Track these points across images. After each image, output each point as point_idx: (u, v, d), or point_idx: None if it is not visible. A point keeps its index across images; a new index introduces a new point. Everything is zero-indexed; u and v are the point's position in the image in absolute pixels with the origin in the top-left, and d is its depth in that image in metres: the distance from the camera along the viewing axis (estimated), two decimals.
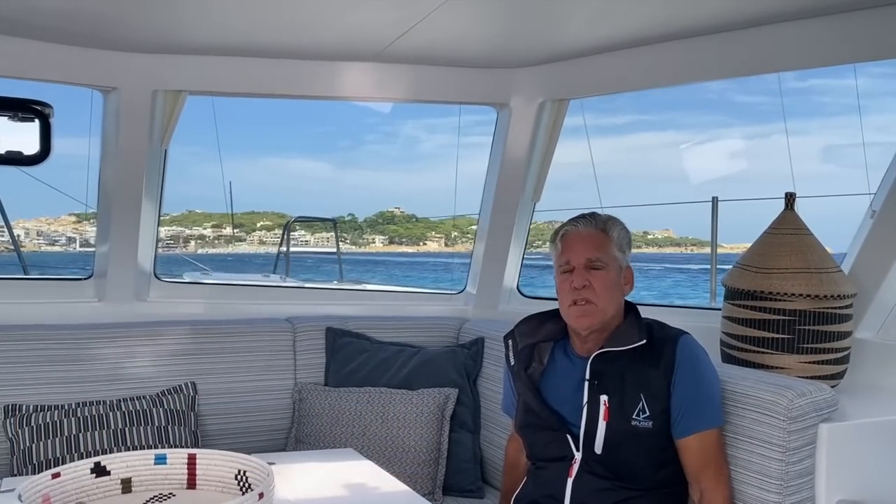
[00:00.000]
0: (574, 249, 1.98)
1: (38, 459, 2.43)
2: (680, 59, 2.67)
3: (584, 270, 1.95)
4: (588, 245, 1.97)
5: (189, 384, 2.75)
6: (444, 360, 2.92)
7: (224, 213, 17.83)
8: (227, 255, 38.39)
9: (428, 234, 64.66)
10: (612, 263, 1.96)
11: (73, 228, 54.72)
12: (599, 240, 1.97)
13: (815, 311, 2.20)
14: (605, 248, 1.96)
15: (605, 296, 1.94)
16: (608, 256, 1.96)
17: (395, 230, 64.40)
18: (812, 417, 1.83)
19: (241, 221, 52.19)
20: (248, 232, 56.53)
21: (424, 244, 63.64)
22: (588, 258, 1.95)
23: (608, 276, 1.95)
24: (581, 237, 1.99)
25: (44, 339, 2.67)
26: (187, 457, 1.57)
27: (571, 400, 1.97)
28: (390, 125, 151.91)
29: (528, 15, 2.39)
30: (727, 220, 4.72)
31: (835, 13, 2.29)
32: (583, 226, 2.00)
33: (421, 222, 65.21)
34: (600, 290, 1.93)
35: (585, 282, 1.94)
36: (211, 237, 56.43)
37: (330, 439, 2.71)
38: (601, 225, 1.99)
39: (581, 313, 1.95)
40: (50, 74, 2.71)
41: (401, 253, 59.06)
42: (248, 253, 48.04)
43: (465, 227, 59.36)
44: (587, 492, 1.91)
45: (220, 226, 55.74)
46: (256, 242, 56.72)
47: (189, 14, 2.43)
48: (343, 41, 2.70)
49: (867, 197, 2.53)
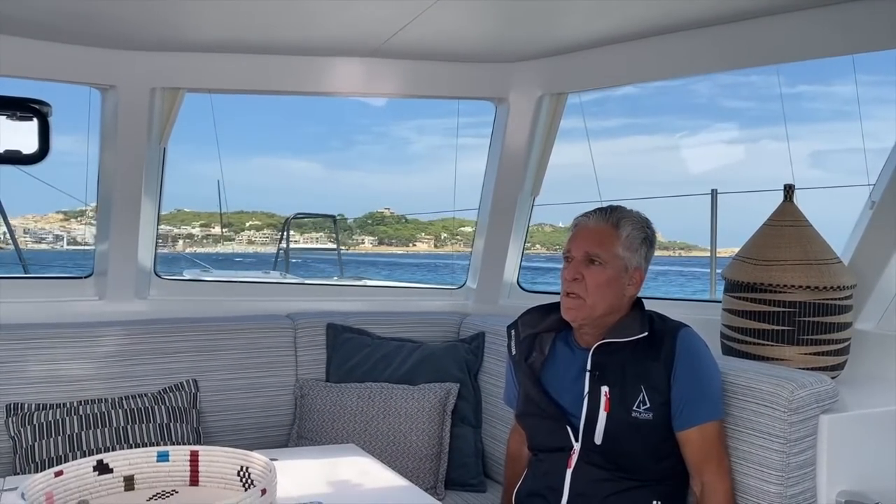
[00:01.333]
0: (577, 241, 1.97)
1: (40, 458, 2.44)
2: (679, 51, 2.67)
3: (580, 263, 1.94)
4: (591, 239, 1.95)
5: (190, 381, 2.75)
6: (445, 355, 2.93)
7: (213, 212, 17.87)
8: (215, 254, 38.31)
9: (418, 235, 64.59)
10: (614, 261, 1.94)
11: (61, 226, 54.60)
12: (605, 235, 1.95)
13: (815, 303, 2.20)
14: (609, 245, 1.94)
15: (595, 293, 1.92)
16: (609, 254, 1.93)
17: (385, 231, 64.18)
18: (813, 409, 1.83)
19: (231, 221, 52.10)
20: (237, 231, 56.41)
21: (414, 245, 63.55)
22: (587, 252, 1.94)
23: (603, 274, 1.93)
24: (588, 230, 1.98)
25: (45, 338, 2.67)
26: (189, 454, 1.57)
27: (572, 390, 1.97)
28: (382, 126, 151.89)
29: (525, 9, 2.39)
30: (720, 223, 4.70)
31: (833, 4, 2.28)
32: (593, 218, 1.98)
33: (411, 223, 65.15)
34: (591, 286, 1.92)
35: (578, 275, 1.93)
36: (199, 236, 56.22)
37: (332, 435, 2.71)
38: (613, 220, 1.96)
39: (568, 305, 1.95)
40: (48, 73, 2.70)
41: (390, 254, 58.95)
42: (237, 252, 47.94)
43: (455, 227, 59.37)
44: (586, 482, 1.92)
45: (208, 225, 55.60)
46: (245, 242, 56.56)
47: (187, 11, 2.43)
48: (341, 37, 2.70)
49: (866, 188, 2.53)
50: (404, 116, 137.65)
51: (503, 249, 3.33)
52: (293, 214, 12.06)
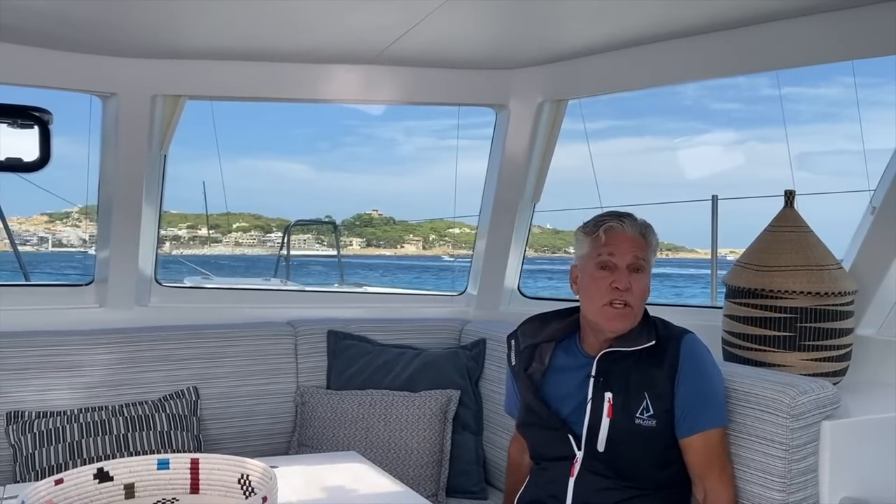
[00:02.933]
0: (621, 246, 1.92)
1: (40, 466, 2.43)
2: (679, 58, 2.67)
3: (627, 271, 1.91)
4: (635, 245, 1.93)
5: (191, 389, 2.75)
6: (445, 362, 2.92)
7: (200, 213, 17.67)
8: (203, 256, 38.12)
9: (406, 236, 64.50)
10: (649, 268, 1.95)
11: (46, 228, 54.60)
12: (641, 242, 1.94)
13: (817, 309, 2.20)
14: (647, 252, 1.94)
15: (640, 301, 1.92)
16: (649, 262, 1.95)
17: (373, 233, 64.02)
18: (815, 415, 1.83)
19: (217, 222, 51.89)
20: (224, 233, 56.21)
21: (402, 247, 63.46)
22: (636, 256, 1.91)
23: (645, 281, 1.93)
24: (627, 237, 1.94)
25: (46, 346, 2.67)
26: (190, 461, 1.57)
27: (574, 397, 1.97)
28: (369, 127, 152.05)
29: (526, 16, 2.39)
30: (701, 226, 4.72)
31: (833, 10, 2.29)
32: (629, 225, 1.95)
33: (399, 225, 65.05)
34: (638, 294, 1.91)
35: (629, 284, 1.90)
36: (186, 238, 56.11)
37: (333, 442, 2.71)
38: (642, 229, 1.96)
39: (618, 316, 1.91)
40: (49, 81, 2.71)
41: (379, 256, 58.78)
42: (224, 255, 47.86)
43: (443, 229, 59.21)
44: (589, 491, 1.91)
45: (195, 227, 55.47)
46: (233, 244, 56.36)
47: (188, 19, 2.43)
48: (342, 44, 2.70)
49: (867, 193, 2.53)
50: (392, 118, 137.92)
51: (504, 256, 3.33)
52: (293, 222, 12.08)
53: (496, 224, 3.28)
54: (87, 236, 52.95)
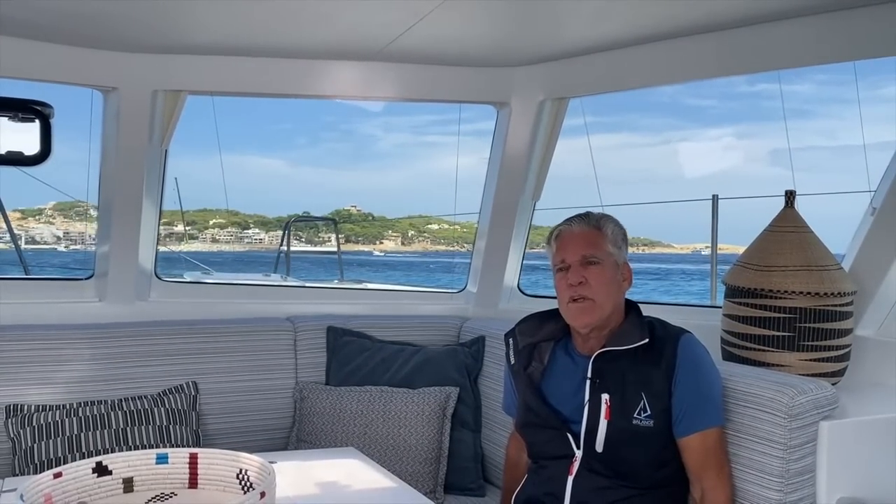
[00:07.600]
0: (568, 247, 1.98)
1: (39, 459, 2.44)
2: (680, 57, 2.67)
3: (579, 267, 1.95)
4: (582, 242, 1.98)
5: (190, 383, 2.75)
6: (444, 359, 2.93)
7: (177, 210, 17.50)
8: (179, 253, 37.83)
9: (385, 232, 64.23)
10: (608, 259, 1.97)
11: (18, 225, 54.26)
12: (593, 236, 1.98)
13: (816, 309, 2.20)
14: (600, 245, 1.97)
15: (602, 291, 1.94)
16: (603, 252, 1.96)
17: (352, 229, 63.43)
18: (813, 415, 1.83)
19: (194, 219, 51.29)
20: (201, 230, 55.82)
21: (381, 243, 63.13)
22: (583, 254, 1.96)
23: (604, 272, 1.95)
24: (574, 235, 2.00)
25: (45, 340, 2.67)
26: (189, 456, 1.57)
27: (572, 398, 1.97)
28: (348, 123, 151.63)
29: (527, 13, 2.39)
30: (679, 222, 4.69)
31: (834, 10, 2.29)
32: (576, 224, 2.01)
33: (377, 221, 64.68)
34: (597, 285, 1.93)
35: (581, 278, 1.94)
36: (161, 234, 55.97)
37: (331, 438, 2.71)
38: (594, 222, 2.00)
39: (579, 310, 1.95)
40: (50, 75, 2.71)
41: (357, 252, 58.09)
42: (202, 251, 47.59)
43: (422, 225, 58.78)
44: (587, 490, 1.91)
45: (170, 223, 55.56)
46: (210, 240, 55.91)
47: (189, 14, 2.43)
48: (343, 40, 2.70)
49: (867, 194, 2.53)
50: (370, 114, 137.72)
51: (504, 253, 3.33)
52: (294, 217, 12.09)
53: (496, 221, 3.28)
54: (62, 233, 52.70)
